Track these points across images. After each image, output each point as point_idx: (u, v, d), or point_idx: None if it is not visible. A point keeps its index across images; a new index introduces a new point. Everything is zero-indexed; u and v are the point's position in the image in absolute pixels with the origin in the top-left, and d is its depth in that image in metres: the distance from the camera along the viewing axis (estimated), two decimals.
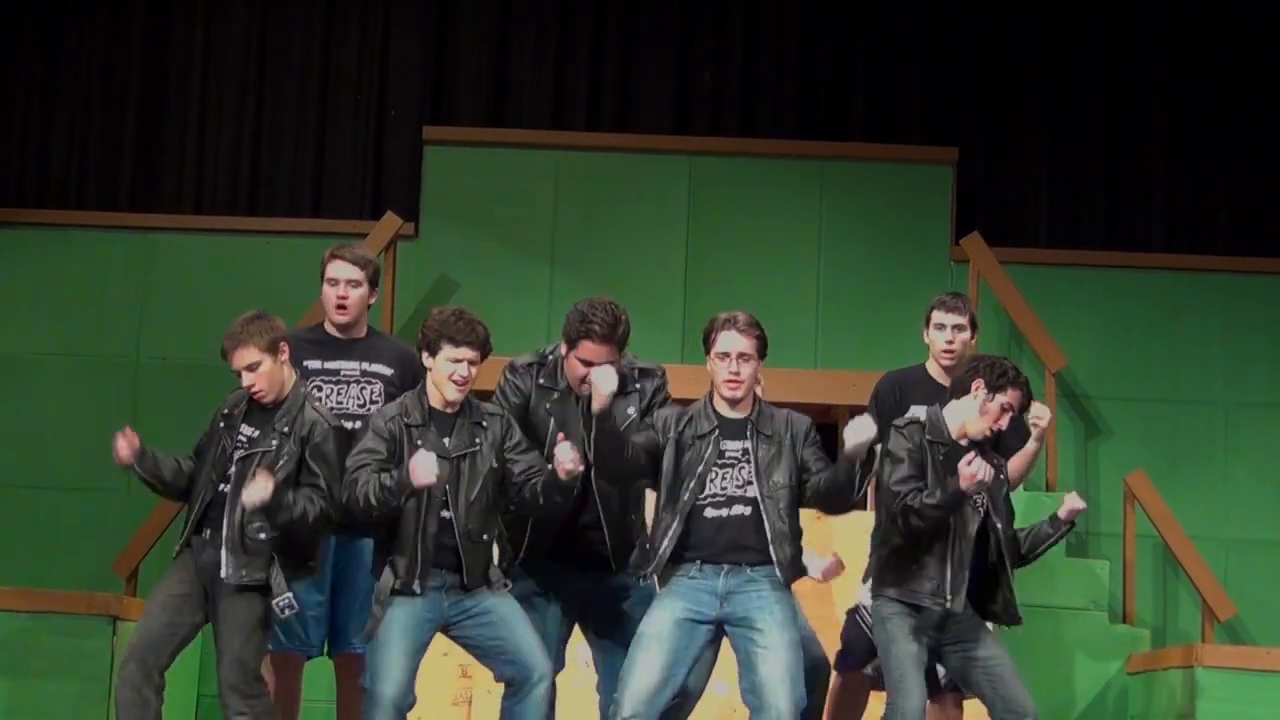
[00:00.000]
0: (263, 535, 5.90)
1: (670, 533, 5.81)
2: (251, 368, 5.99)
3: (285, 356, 6.07)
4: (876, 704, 6.19)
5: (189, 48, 10.45)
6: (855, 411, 6.58)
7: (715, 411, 5.93)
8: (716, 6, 10.46)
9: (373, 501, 5.77)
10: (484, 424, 5.96)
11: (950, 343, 6.66)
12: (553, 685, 5.89)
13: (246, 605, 5.97)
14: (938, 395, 6.36)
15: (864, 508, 7.47)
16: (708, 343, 5.94)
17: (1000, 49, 10.41)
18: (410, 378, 6.33)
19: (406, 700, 5.81)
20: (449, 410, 5.96)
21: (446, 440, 5.91)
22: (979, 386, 5.97)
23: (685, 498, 5.82)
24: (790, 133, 10.24)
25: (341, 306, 6.52)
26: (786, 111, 10.40)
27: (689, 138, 10.16)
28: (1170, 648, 8.03)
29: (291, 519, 5.88)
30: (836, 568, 6.45)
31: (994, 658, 5.98)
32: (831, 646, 6.50)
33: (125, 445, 6.02)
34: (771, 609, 5.77)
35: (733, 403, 5.92)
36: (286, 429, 6.00)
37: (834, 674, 6.47)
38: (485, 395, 6.13)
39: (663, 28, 10.45)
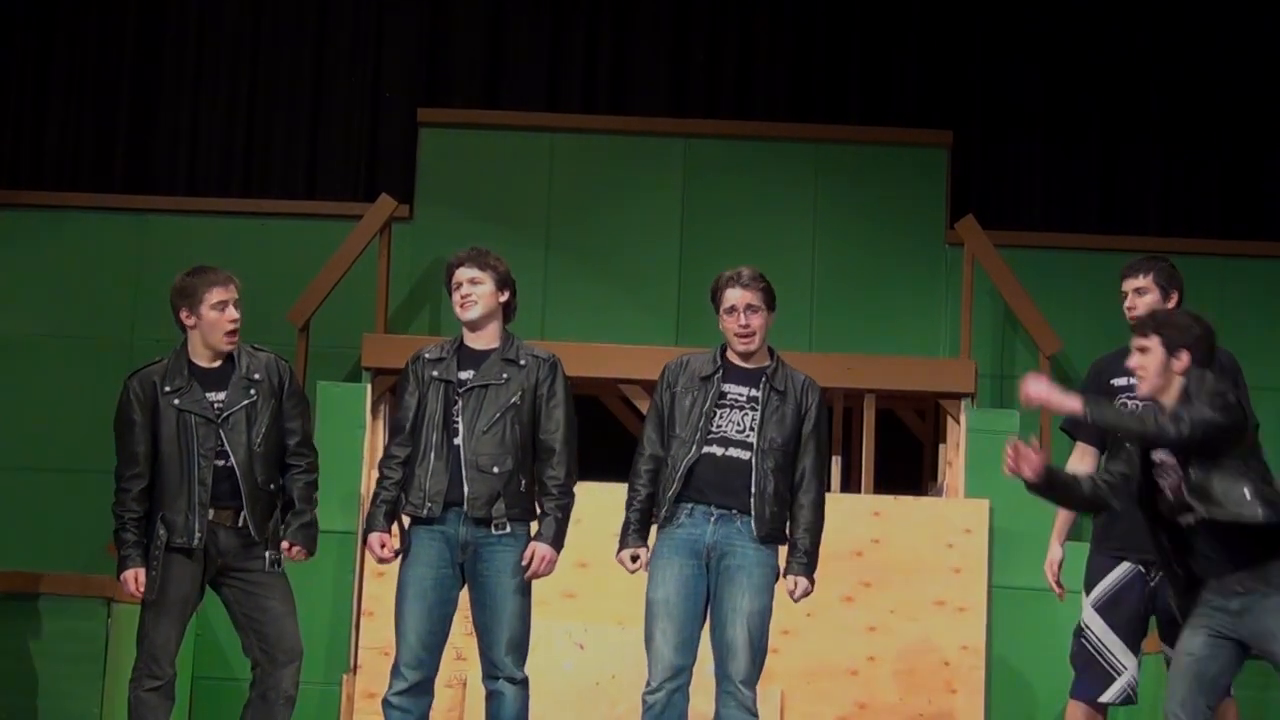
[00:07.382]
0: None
1: (678, 475, 5.91)
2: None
3: None
4: None
5: (183, 30, 10.42)
6: (850, 394, 6.57)
7: (724, 358, 6.06)
8: None
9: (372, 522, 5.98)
10: (521, 363, 5.98)
11: (1131, 307, 6.63)
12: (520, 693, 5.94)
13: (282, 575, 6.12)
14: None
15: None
16: (716, 301, 6.07)
17: (995, 31, 10.40)
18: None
19: (420, 666, 5.92)
20: (480, 345, 6.00)
21: (468, 373, 5.94)
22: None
23: (695, 438, 5.93)
24: (785, 115, 10.23)
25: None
26: (781, 94, 10.38)
27: (684, 120, 10.14)
28: None
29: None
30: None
31: None
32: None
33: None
34: (751, 572, 5.90)
35: (745, 356, 6.05)
36: (258, 376, 6.06)
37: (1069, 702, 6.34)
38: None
39: (658, 10, 10.43)
